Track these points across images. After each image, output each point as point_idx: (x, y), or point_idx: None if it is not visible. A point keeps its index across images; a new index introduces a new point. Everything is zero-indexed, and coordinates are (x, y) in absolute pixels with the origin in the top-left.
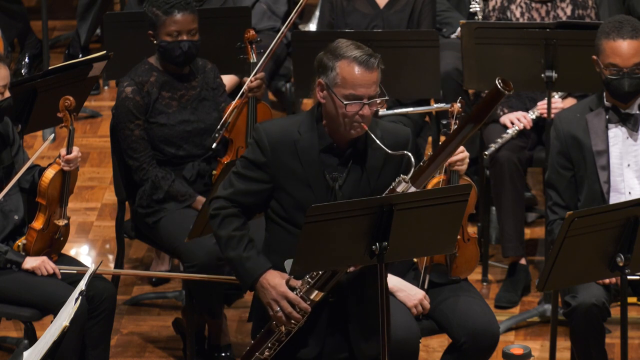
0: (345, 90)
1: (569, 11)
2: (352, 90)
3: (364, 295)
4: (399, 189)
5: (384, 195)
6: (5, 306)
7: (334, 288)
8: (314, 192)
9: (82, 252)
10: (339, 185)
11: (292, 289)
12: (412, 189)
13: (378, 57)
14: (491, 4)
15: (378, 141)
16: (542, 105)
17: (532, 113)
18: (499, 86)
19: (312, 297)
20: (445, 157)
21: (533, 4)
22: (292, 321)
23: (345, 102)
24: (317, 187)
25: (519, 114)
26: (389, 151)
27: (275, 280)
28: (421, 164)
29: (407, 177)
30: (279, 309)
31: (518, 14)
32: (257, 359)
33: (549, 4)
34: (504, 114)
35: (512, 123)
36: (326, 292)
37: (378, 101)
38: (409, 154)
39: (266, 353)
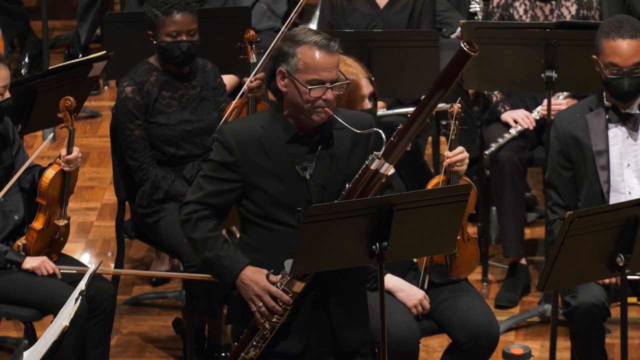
0: (308, 75)
1: (573, 10)
2: (314, 75)
3: (346, 286)
4: (373, 167)
5: (357, 174)
6: (5, 306)
7: (316, 281)
8: (285, 184)
9: (82, 252)
10: (310, 175)
11: (273, 283)
12: (386, 165)
13: (337, 41)
14: (495, 1)
15: (344, 123)
16: (546, 106)
17: (535, 113)
18: (465, 48)
19: (293, 288)
20: (416, 128)
21: (537, 2)
22: (275, 315)
23: (309, 87)
24: (288, 179)
25: (522, 112)
26: (357, 131)
27: (255, 275)
28: (392, 139)
29: (380, 154)
30: (261, 304)
31: (521, 12)
32: (243, 359)
33: (553, 3)
34: (505, 110)
35: (515, 122)
36: (307, 282)
37: (341, 85)
38: (379, 130)
39: (252, 352)
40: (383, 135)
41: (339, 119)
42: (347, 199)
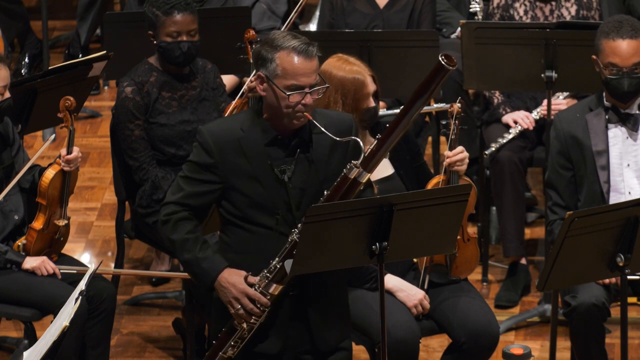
0: (287, 80)
1: (573, 11)
2: (293, 80)
3: (324, 285)
4: (351, 175)
5: (336, 182)
6: (5, 306)
7: (294, 281)
8: (264, 187)
9: (82, 252)
10: (288, 177)
11: (251, 285)
12: (364, 174)
13: (316, 45)
14: (495, 2)
15: (322, 128)
16: (546, 106)
17: (535, 113)
18: (443, 62)
19: (271, 291)
20: (394, 138)
21: (537, 3)
22: (253, 317)
23: (287, 93)
24: (267, 182)
25: (522, 113)
26: (336, 138)
27: (233, 278)
28: (372, 147)
29: (358, 163)
30: (239, 306)
31: (522, 12)
32: (221, 359)
33: (553, 3)
34: (506, 113)
35: (515, 122)
36: (285, 284)
37: (319, 89)
38: (357, 139)
39: (230, 352)
40: (361, 144)
41: (318, 125)
42: None
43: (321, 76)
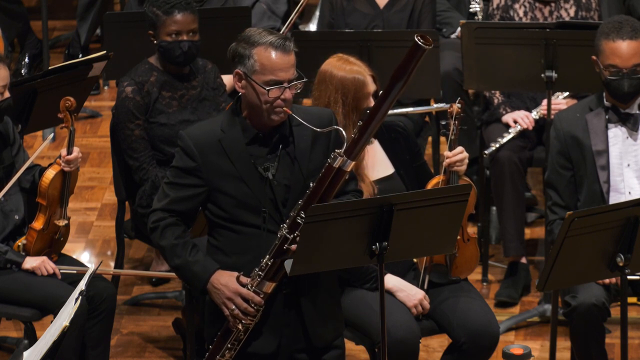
0: (265, 76)
1: (572, 12)
2: (272, 75)
3: (316, 282)
4: (335, 164)
5: (321, 173)
6: (5, 306)
7: (286, 280)
8: (249, 186)
9: (82, 252)
10: (272, 174)
11: (243, 285)
12: (349, 163)
13: (292, 40)
14: (495, 3)
15: (303, 121)
16: (546, 105)
17: (535, 113)
18: (419, 42)
19: (264, 289)
20: (376, 124)
21: (536, 4)
22: (249, 317)
23: (267, 88)
24: (251, 181)
25: (522, 113)
26: (317, 129)
27: (225, 278)
28: (353, 135)
29: (342, 151)
30: (234, 307)
31: (521, 14)
32: None
33: (553, 5)
34: (506, 113)
35: (515, 122)
36: (277, 281)
37: (298, 84)
38: (339, 128)
39: (227, 354)
40: (343, 133)
41: (299, 118)
42: (313, 197)
43: (298, 71)
